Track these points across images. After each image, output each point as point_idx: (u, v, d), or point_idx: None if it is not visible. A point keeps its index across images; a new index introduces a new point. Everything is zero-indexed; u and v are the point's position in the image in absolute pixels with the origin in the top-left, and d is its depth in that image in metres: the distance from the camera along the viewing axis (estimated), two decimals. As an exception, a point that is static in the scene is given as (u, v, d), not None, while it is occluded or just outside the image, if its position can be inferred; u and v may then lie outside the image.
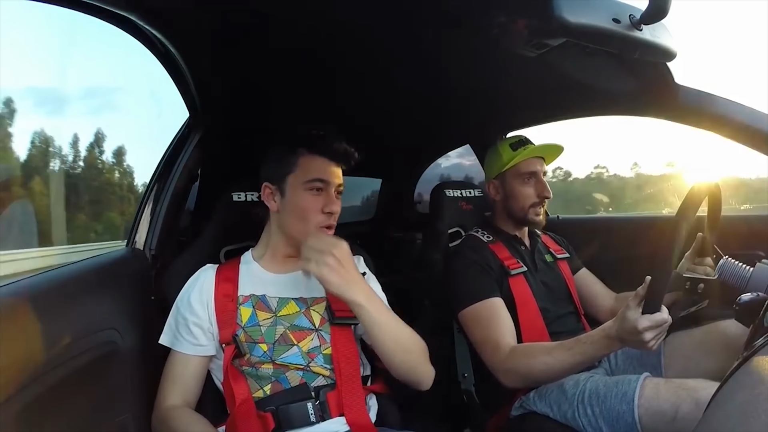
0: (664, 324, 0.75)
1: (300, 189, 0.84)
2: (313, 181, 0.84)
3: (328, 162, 0.86)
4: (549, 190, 1.13)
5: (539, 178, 1.14)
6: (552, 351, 0.88)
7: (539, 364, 0.89)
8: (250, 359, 0.81)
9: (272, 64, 1.03)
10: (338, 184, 0.87)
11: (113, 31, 0.81)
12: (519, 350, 0.94)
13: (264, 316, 0.84)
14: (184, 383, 0.82)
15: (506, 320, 1.00)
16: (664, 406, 0.76)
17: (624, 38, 0.71)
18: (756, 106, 0.91)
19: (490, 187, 1.20)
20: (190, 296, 0.84)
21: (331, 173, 0.86)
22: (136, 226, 1.10)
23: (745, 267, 0.78)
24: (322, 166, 0.85)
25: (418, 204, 2.37)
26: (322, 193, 0.85)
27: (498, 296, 1.03)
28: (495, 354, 0.96)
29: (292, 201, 0.85)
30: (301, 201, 0.84)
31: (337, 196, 0.87)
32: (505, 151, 1.16)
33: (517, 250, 1.15)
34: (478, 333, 1.01)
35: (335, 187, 0.86)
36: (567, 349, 0.86)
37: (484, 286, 1.04)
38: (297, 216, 0.85)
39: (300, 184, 0.84)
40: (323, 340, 0.85)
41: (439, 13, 0.79)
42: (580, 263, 1.27)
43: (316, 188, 0.84)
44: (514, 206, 1.15)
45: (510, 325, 1.00)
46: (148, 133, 3.57)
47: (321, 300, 0.88)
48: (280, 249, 0.90)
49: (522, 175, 1.14)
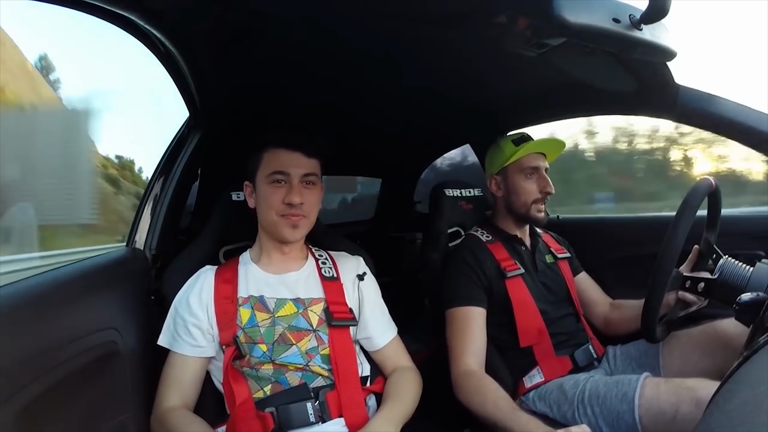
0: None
1: (264, 183, 0.87)
2: (273, 174, 0.86)
3: (289, 153, 0.87)
4: (551, 186, 1.12)
5: (541, 174, 1.13)
6: (496, 401, 0.87)
7: (478, 402, 0.89)
8: (250, 360, 0.81)
9: (272, 64, 1.03)
10: (303, 174, 0.87)
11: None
12: (473, 381, 0.93)
13: (262, 317, 0.84)
14: (183, 384, 0.82)
15: (476, 335, 1.00)
16: (664, 406, 0.76)
17: (624, 38, 0.71)
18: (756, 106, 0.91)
19: (492, 182, 1.18)
20: (189, 298, 0.84)
21: (292, 164, 0.86)
22: (136, 226, 1.10)
23: (745, 267, 0.78)
24: (283, 158, 0.86)
25: (418, 204, 2.37)
26: (284, 186, 0.86)
27: (480, 306, 1.03)
28: (454, 364, 0.98)
29: (259, 195, 0.89)
30: (264, 193, 0.87)
31: (306, 186, 0.87)
32: (507, 146, 1.15)
33: (516, 250, 1.15)
34: (451, 336, 1.02)
35: (299, 177, 0.86)
36: (509, 409, 0.84)
37: (469, 293, 1.04)
38: (262, 208, 0.88)
39: (264, 177, 0.87)
40: (321, 341, 0.85)
41: (439, 13, 0.79)
42: (580, 266, 1.26)
43: (277, 180, 0.86)
44: (516, 202, 1.13)
45: (478, 343, 0.99)
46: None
47: (318, 300, 0.88)
48: (269, 244, 0.91)
49: (524, 170, 1.12)
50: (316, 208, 0.91)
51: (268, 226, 0.89)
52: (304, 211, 0.87)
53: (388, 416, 0.79)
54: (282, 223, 0.86)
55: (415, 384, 0.89)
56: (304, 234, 0.90)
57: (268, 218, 0.87)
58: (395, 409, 0.81)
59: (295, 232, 0.87)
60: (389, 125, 1.59)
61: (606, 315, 1.19)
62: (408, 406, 0.83)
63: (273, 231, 0.88)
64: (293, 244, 0.91)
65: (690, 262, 0.95)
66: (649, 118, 1.10)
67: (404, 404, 0.83)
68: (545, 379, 1.00)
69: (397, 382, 0.88)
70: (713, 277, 0.80)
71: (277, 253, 0.91)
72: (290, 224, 0.86)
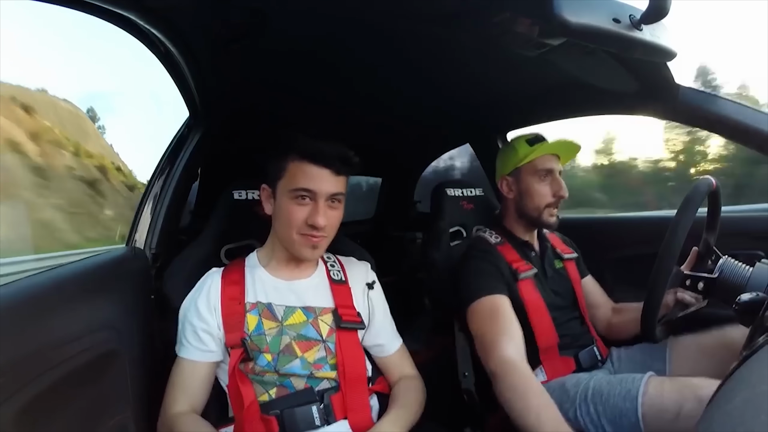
0: None
1: (286, 197, 0.81)
2: (297, 190, 0.79)
3: (318, 169, 0.79)
4: (565, 190, 1.07)
5: (555, 177, 1.08)
6: (540, 413, 0.77)
7: (517, 408, 0.80)
8: (254, 368, 0.80)
9: (272, 64, 1.03)
10: (331, 194, 0.81)
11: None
12: (516, 377, 0.83)
13: (270, 325, 0.82)
14: (192, 390, 0.80)
15: (511, 320, 0.94)
16: (668, 404, 0.76)
17: (624, 38, 0.71)
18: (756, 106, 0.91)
19: (503, 183, 1.14)
20: (197, 302, 0.83)
21: (320, 181, 0.79)
22: (136, 226, 1.10)
23: (745, 267, 0.78)
24: (311, 174, 0.79)
25: (418, 203, 2.37)
26: (309, 203, 0.80)
27: (506, 295, 0.98)
28: (490, 352, 0.90)
29: (280, 207, 0.83)
30: (286, 208, 0.81)
31: (331, 205, 0.82)
32: (522, 146, 1.10)
33: (526, 255, 1.11)
34: (479, 328, 0.96)
35: (326, 197, 0.80)
36: (549, 418, 0.76)
37: (492, 284, 1.00)
38: (282, 222, 0.83)
39: (286, 191, 0.81)
40: (329, 351, 0.84)
41: (439, 13, 0.79)
42: (586, 269, 1.25)
43: (302, 197, 0.80)
44: (529, 205, 1.09)
45: (510, 327, 0.93)
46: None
47: (328, 310, 0.87)
48: (282, 253, 0.88)
49: (538, 171, 1.08)
50: (337, 226, 0.86)
51: (285, 242, 0.84)
52: (326, 233, 0.82)
53: (394, 420, 0.79)
54: (302, 242, 0.82)
55: (421, 393, 0.89)
56: (322, 252, 0.87)
57: (287, 235, 0.82)
58: (401, 414, 0.81)
59: (314, 252, 0.83)
60: (389, 124, 1.59)
61: (608, 319, 1.18)
62: (414, 414, 0.84)
63: (290, 247, 0.84)
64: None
65: (690, 262, 0.95)
66: (649, 118, 1.11)
67: (410, 412, 0.83)
68: (547, 379, 0.99)
69: (403, 391, 0.88)
70: (713, 277, 0.80)
71: (289, 263, 0.89)
72: (310, 245, 0.82)
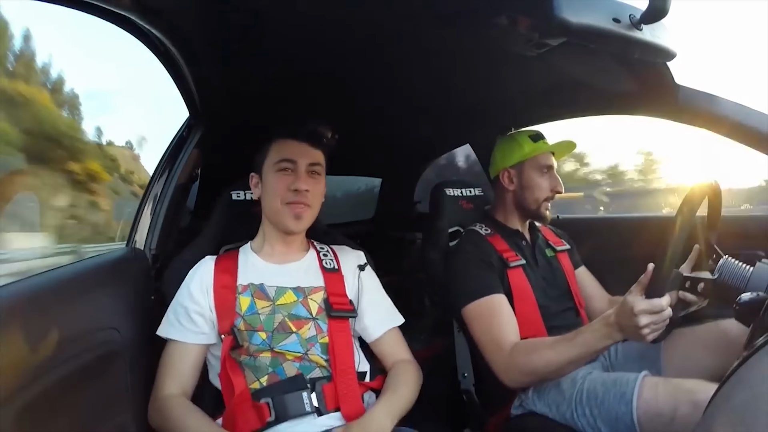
0: (662, 312, 0.75)
1: (271, 171, 0.89)
2: (280, 162, 0.88)
3: (297, 143, 0.89)
4: (562, 185, 1.14)
5: (553, 173, 1.15)
6: (554, 344, 0.88)
7: (540, 359, 0.88)
8: (249, 348, 0.82)
9: (272, 64, 1.03)
10: (309, 163, 0.89)
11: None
12: (521, 347, 0.93)
13: (263, 305, 0.85)
14: (182, 372, 0.82)
15: (509, 317, 0.99)
16: (663, 407, 0.76)
17: (624, 38, 0.71)
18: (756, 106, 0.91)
19: (504, 175, 1.17)
20: (190, 286, 0.86)
21: (299, 153, 0.89)
22: (136, 226, 1.10)
23: (745, 267, 0.77)
24: (291, 147, 0.89)
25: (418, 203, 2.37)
26: (291, 173, 0.88)
27: (501, 292, 1.02)
28: (497, 352, 0.95)
29: (266, 184, 0.90)
30: (271, 181, 0.89)
31: (311, 175, 0.90)
32: (526, 141, 1.15)
33: (517, 244, 1.15)
34: (481, 330, 1.00)
35: (305, 166, 0.89)
36: (568, 341, 0.86)
37: (487, 282, 1.03)
38: (268, 197, 0.89)
39: (271, 166, 0.89)
40: (320, 329, 0.86)
41: (440, 13, 0.79)
42: (580, 260, 1.27)
43: (284, 168, 0.88)
44: (529, 197, 1.14)
45: (512, 322, 0.99)
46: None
47: (318, 289, 0.89)
48: (272, 235, 0.92)
49: (541, 167, 1.14)
50: (319, 199, 0.93)
51: (272, 215, 0.90)
52: (309, 200, 0.88)
53: (384, 408, 0.79)
54: (286, 213, 0.87)
55: (415, 377, 0.89)
56: (307, 225, 0.91)
57: (273, 206, 0.88)
58: (393, 401, 0.81)
59: (298, 222, 0.88)
60: (389, 125, 1.59)
61: (604, 311, 1.18)
62: (406, 399, 0.83)
63: (277, 220, 0.89)
64: (296, 235, 0.92)
65: (690, 262, 0.95)
66: (649, 118, 1.11)
67: (402, 397, 0.83)
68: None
69: (396, 375, 0.88)
70: (713, 277, 0.80)
71: (280, 244, 0.93)
72: (294, 214, 0.87)
